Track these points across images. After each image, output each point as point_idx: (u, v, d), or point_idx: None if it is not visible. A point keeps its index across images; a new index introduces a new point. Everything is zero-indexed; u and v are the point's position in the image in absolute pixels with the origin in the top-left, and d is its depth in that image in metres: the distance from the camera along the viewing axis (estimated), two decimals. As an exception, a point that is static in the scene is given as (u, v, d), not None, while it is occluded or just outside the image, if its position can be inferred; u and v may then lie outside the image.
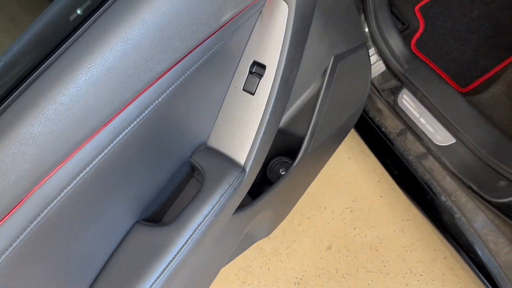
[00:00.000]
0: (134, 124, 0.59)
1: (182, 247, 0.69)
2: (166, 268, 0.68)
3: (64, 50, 0.54)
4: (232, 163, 0.75)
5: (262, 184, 0.99)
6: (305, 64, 0.82)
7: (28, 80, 0.53)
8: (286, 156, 0.99)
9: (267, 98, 0.72)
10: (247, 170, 0.75)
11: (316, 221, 1.56)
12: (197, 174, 0.82)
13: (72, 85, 0.51)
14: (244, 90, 0.74)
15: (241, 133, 0.75)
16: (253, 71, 0.73)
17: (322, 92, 0.92)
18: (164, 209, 0.80)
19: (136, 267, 0.69)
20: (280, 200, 1.09)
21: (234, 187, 0.73)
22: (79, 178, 0.56)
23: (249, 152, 0.74)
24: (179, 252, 0.69)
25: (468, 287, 1.41)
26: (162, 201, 0.78)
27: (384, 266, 1.47)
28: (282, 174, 0.97)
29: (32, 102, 0.51)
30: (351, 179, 1.59)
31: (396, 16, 1.44)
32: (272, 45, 0.71)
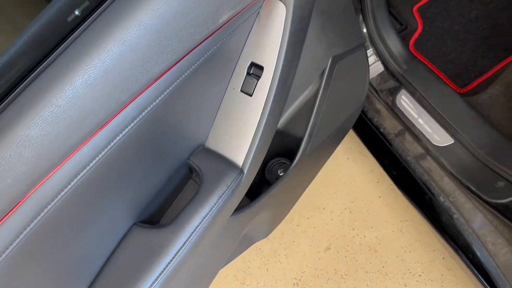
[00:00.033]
0: (131, 126, 0.59)
1: (180, 249, 0.69)
2: (164, 270, 0.68)
3: (61, 52, 0.54)
4: (230, 165, 0.75)
5: (260, 185, 0.99)
6: (303, 65, 0.82)
7: (25, 82, 0.53)
8: (285, 157, 0.99)
9: (265, 99, 0.72)
10: (245, 172, 0.74)
11: (315, 221, 1.56)
12: (195, 175, 0.82)
13: (68, 87, 0.51)
14: (242, 91, 0.74)
15: (239, 134, 0.75)
16: (251, 72, 0.73)
17: (320, 93, 0.91)
18: (162, 210, 0.80)
19: (134, 269, 0.69)
20: (279, 201, 1.09)
21: (232, 189, 0.73)
22: (76, 180, 0.55)
23: (247, 153, 0.74)
24: (177, 254, 0.69)
25: (467, 287, 1.41)
26: (160, 202, 0.78)
27: (383, 266, 1.47)
28: (281, 175, 0.97)
29: (28, 104, 0.51)
30: (349, 179, 1.59)
31: (394, 17, 1.44)
32: (269, 46, 0.70)
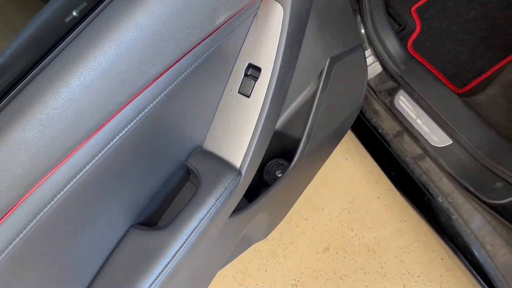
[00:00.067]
0: (128, 128, 0.58)
1: (178, 251, 0.68)
2: (161, 272, 0.68)
3: (58, 54, 0.54)
4: (228, 166, 0.74)
5: (258, 186, 0.99)
6: (300, 66, 0.82)
7: (21, 84, 0.53)
8: (283, 158, 0.99)
9: (263, 100, 0.72)
10: (243, 173, 0.74)
11: (314, 222, 1.55)
12: (192, 177, 0.82)
13: (64, 89, 0.51)
14: (239, 92, 0.73)
15: (236, 136, 0.74)
16: (248, 74, 0.73)
17: (318, 94, 0.91)
18: (159, 212, 0.80)
19: (131, 272, 0.68)
20: (277, 203, 1.09)
21: (230, 190, 0.73)
22: (73, 183, 0.55)
23: (244, 155, 0.74)
24: (174, 256, 0.68)
25: (465, 288, 1.41)
26: (157, 204, 0.77)
27: (381, 267, 1.47)
28: (279, 176, 0.96)
29: (24, 107, 0.50)
30: (348, 180, 1.59)
31: (392, 17, 1.44)
32: (267, 47, 0.70)
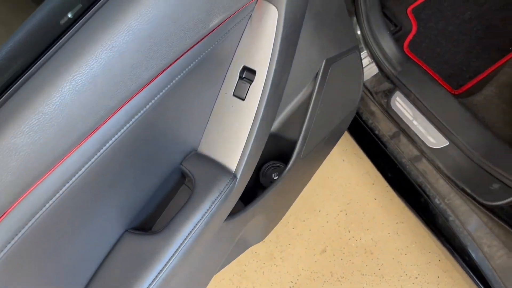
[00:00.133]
0: (121, 132, 0.58)
1: (173, 256, 0.68)
2: (156, 277, 0.67)
3: (49, 57, 0.53)
4: (223, 170, 0.74)
5: (254, 189, 0.98)
6: (296, 68, 0.82)
7: (11, 89, 0.52)
8: (279, 161, 0.98)
9: (258, 103, 0.72)
10: (238, 177, 0.74)
11: (311, 224, 1.55)
12: (187, 180, 0.81)
13: (55, 94, 0.50)
14: (234, 95, 0.73)
15: (231, 139, 0.74)
16: (243, 77, 0.72)
17: (314, 96, 0.91)
18: (154, 217, 0.79)
19: (126, 277, 0.68)
20: (273, 205, 1.08)
21: (225, 194, 0.72)
22: (65, 188, 0.55)
23: (240, 158, 0.73)
24: (169, 261, 0.68)
25: (463, 289, 1.41)
26: (152, 208, 0.77)
27: (379, 269, 1.47)
28: (275, 178, 0.96)
29: (14, 112, 0.50)
30: (345, 181, 1.59)
31: (388, 18, 1.44)
32: (262, 50, 0.70)
